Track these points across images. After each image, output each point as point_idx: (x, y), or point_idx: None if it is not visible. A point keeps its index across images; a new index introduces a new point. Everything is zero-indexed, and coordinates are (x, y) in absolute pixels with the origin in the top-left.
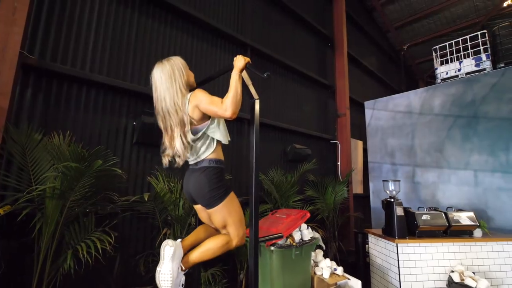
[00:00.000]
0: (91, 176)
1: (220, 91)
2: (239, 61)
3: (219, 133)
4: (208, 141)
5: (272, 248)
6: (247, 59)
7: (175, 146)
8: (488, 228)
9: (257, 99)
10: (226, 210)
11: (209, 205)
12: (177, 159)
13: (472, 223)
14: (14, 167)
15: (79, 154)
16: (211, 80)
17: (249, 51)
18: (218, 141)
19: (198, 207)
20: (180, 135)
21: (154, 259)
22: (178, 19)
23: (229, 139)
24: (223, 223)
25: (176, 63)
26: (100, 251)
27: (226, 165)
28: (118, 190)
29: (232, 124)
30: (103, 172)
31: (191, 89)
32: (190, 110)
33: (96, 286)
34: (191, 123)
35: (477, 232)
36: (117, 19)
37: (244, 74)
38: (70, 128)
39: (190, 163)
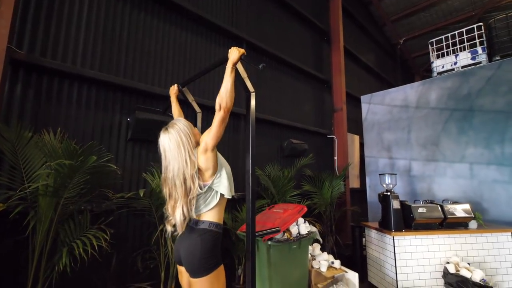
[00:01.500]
0: (85, 172)
1: (213, 86)
2: (233, 53)
3: (222, 187)
4: (211, 195)
5: (269, 242)
6: (242, 50)
7: (175, 216)
8: (483, 220)
9: (253, 92)
10: (209, 285)
11: (194, 274)
12: (177, 228)
13: (467, 215)
14: (5, 165)
15: (71, 151)
16: (206, 73)
17: (245, 45)
18: (221, 196)
19: (181, 269)
20: (183, 206)
21: (152, 255)
22: (172, 12)
23: (233, 194)
24: None
25: (182, 128)
26: (96, 248)
27: None
28: (113, 187)
29: (228, 120)
30: (97, 169)
31: None
32: (201, 161)
33: (94, 283)
34: (202, 177)
35: (472, 224)
36: (108, 12)
37: (240, 66)
38: (62, 125)
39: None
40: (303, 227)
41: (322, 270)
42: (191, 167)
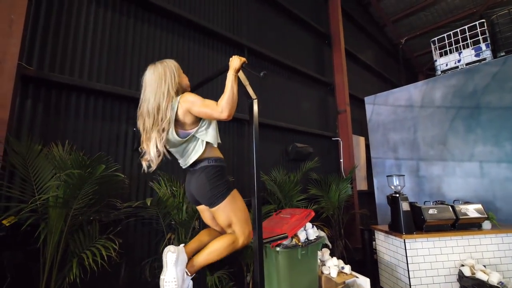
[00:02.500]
0: (93, 183)
1: (216, 93)
2: (235, 61)
3: (209, 136)
4: (196, 144)
5: (277, 249)
6: (243, 59)
7: (149, 150)
8: (497, 219)
9: (255, 99)
10: (230, 208)
11: (212, 203)
12: (151, 164)
13: (480, 215)
14: (17, 178)
15: (80, 162)
16: (208, 82)
17: (246, 51)
18: (207, 144)
19: (201, 208)
20: (155, 139)
21: (160, 264)
22: (174, 23)
23: (219, 141)
24: (228, 222)
25: (169, 65)
26: (106, 258)
27: (228, 167)
28: (121, 197)
29: (232, 126)
30: (105, 179)
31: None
32: (181, 114)
33: None
34: (182, 127)
35: (486, 224)
36: (113, 27)
37: (241, 74)
38: (70, 137)
39: (182, 166)
40: (311, 232)
41: (332, 276)
42: (167, 99)
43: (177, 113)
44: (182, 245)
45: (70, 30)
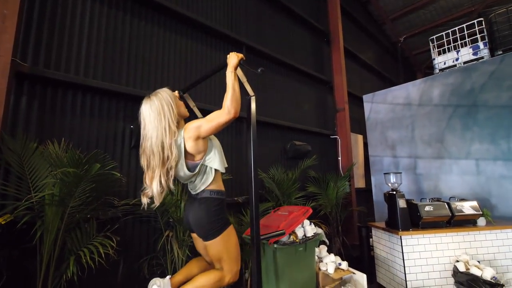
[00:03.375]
0: (90, 181)
1: (213, 90)
2: (233, 58)
3: (216, 162)
4: (205, 173)
5: (275, 245)
6: (240, 55)
7: (152, 186)
8: (492, 216)
9: (253, 96)
10: (223, 245)
11: (206, 237)
12: (154, 200)
13: (475, 212)
14: (12, 176)
15: (76, 160)
16: (205, 79)
17: (244, 49)
18: (216, 170)
19: (195, 236)
20: (160, 175)
21: (158, 262)
22: (171, 19)
23: (226, 165)
24: (218, 257)
25: (165, 96)
26: (103, 256)
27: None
28: (119, 195)
29: (230, 124)
30: (102, 177)
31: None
32: (190, 147)
33: None
34: (191, 158)
35: (481, 221)
36: (109, 22)
37: (239, 71)
38: (67, 135)
39: (191, 192)
40: (309, 229)
41: (330, 272)
42: (170, 136)
43: (185, 148)
44: (168, 277)
45: (65, 26)
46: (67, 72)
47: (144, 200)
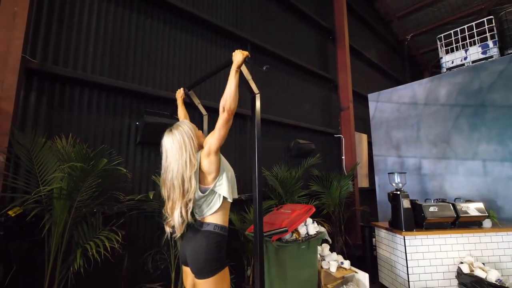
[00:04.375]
0: (96, 176)
1: (218, 87)
2: (237, 56)
3: (225, 189)
4: (214, 198)
5: (278, 243)
6: (246, 53)
7: (174, 217)
8: (498, 218)
9: (258, 93)
10: (214, 287)
11: (200, 275)
12: (176, 230)
13: (481, 214)
14: (22, 169)
15: (84, 154)
16: (211, 76)
17: (249, 47)
18: (224, 199)
19: (186, 270)
20: (181, 207)
21: (162, 256)
22: (177, 17)
23: (236, 197)
24: None
25: (186, 130)
26: (109, 250)
27: (230, 162)
28: (124, 190)
29: (234, 121)
30: (108, 172)
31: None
32: (204, 165)
33: (106, 284)
34: (203, 181)
35: (487, 223)
36: (116, 20)
37: (244, 69)
38: (74, 130)
39: (197, 217)
40: (311, 227)
41: (332, 271)
42: (190, 169)
43: (200, 168)
44: None
45: (73, 23)
46: (75, 69)
47: (167, 230)
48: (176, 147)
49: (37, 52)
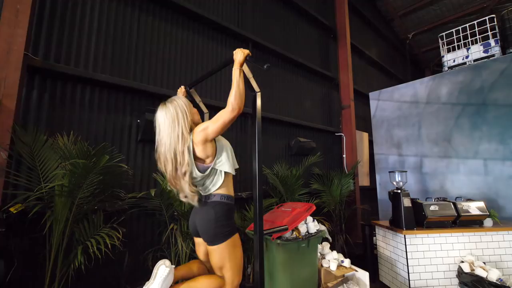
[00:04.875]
0: (98, 173)
1: (219, 85)
2: (239, 54)
3: (227, 165)
4: (216, 175)
5: (278, 241)
6: (246, 51)
7: (183, 189)
8: (499, 217)
9: (259, 92)
10: (227, 252)
11: (211, 241)
12: (190, 202)
13: (482, 213)
14: (24, 167)
15: (85, 152)
16: (212, 75)
17: (251, 45)
18: (226, 173)
19: (198, 241)
20: (184, 184)
21: (162, 254)
22: (178, 15)
23: (236, 167)
24: (221, 265)
25: (180, 104)
26: (110, 247)
27: None
28: (125, 188)
29: (236, 119)
30: (109, 169)
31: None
32: (199, 151)
33: (107, 281)
34: (202, 161)
35: (488, 222)
36: (118, 18)
37: (245, 67)
38: (75, 127)
39: (202, 194)
40: (312, 225)
41: (332, 269)
42: (182, 143)
43: (194, 152)
44: (173, 266)
45: (75, 21)
46: (77, 66)
47: (183, 198)
48: (169, 120)
49: (40, 49)
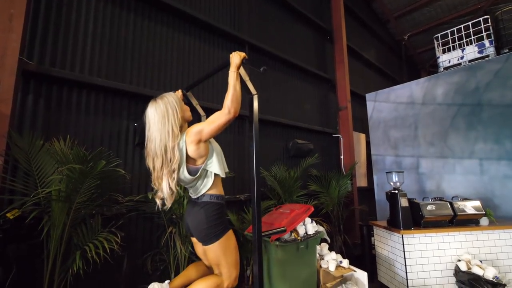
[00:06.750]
0: (95, 177)
1: (215, 88)
2: (235, 58)
3: (217, 167)
4: (206, 176)
5: (277, 242)
6: (243, 54)
7: (162, 188)
8: (495, 216)
9: (255, 94)
10: (222, 250)
11: (205, 241)
12: (165, 202)
13: (478, 212)
14: (20, 172)
15: (81, 156)
16: (207, 78)
17: (247, 47)
18: (216, 175)
19: (195, 240)
20: (168, 180)
21: (161, 258)
22: (174, 18)
23: (227, 170)
24: (217, 262)
25: (170, 100)
26: (108, 251)
27: (229, 163)
28: (123, 191)
29: (232, 122)
30: (107, 173)
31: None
32: (192, 151)
33: (106, 285)
34: (192, 162)
35: (484, 221)
36: (113, 21)
37: (241, 70)
38: (72, 132)
39: (192, 197)
40: (310, 227)
41: (331, 270)
42: (172, 139)
43: (187, 152)
44: (167, 281)
45: (70, 25)
46: (72, 71)
47: (158, 202)
48: (159, 116)
49: (34, 54)
